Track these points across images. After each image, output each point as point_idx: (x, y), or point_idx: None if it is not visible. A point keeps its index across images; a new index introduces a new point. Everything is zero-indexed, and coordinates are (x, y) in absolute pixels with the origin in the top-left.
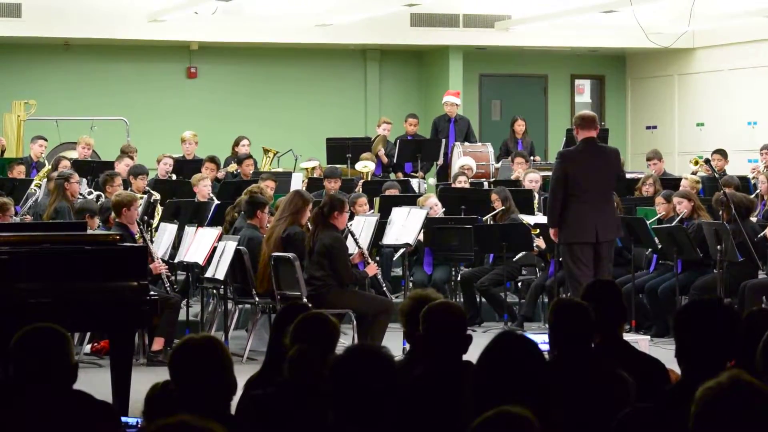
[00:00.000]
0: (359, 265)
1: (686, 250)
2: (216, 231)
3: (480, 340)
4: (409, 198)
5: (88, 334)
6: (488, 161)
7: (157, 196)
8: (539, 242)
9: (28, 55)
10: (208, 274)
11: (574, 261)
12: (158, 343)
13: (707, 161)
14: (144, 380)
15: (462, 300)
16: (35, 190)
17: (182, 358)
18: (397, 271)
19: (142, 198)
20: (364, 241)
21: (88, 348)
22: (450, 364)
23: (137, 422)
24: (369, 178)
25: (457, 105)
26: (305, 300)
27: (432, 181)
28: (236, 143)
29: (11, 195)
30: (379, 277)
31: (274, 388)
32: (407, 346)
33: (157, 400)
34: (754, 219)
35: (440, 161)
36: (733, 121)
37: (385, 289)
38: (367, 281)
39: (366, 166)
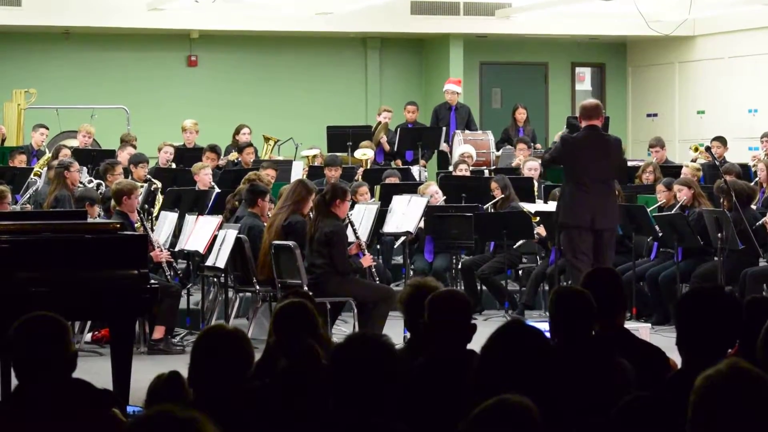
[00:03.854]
0: (359, 254)
1: (687, 238)
2: (216, 219)
3: (481, 329)
4: (410, 186)
5: (89, 322)
6: (489, 149)
7: (157, 184)
8: (540, 230)
9: (28, 44)
10: (209, 262)
11: (573, 250)
12: (159, 332)
13: (708, 149)
14: (145, 369)
15: (463, 288)
16: (35, 179)
17: (210, 344)
18: (398, 260)
19: (142, 186)
20: (365, 229)
21: (88, 336)
22: (454, 353)
23: (134, 411)
24: (368, 166)
25: (458, 93)
26: (306, 288)
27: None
28: (237, 132)
29: (11, 184)
30: (374, 270)
31: (272, 378)
32: (408, 335)
33: (160, 391)
34: (754, 207)
35: (444, 147)
36: (733, 108)
37: (377, 281)
38: (368, 269)
39: (365, 154)
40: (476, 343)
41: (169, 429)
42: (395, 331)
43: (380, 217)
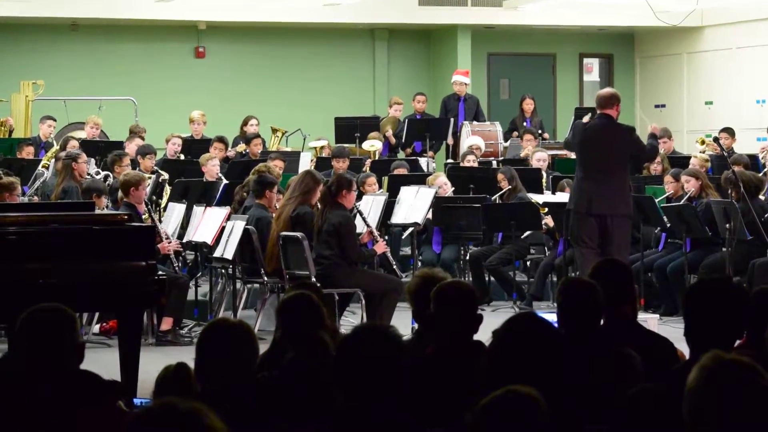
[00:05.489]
0: (368, 243)
1: (695, 229)
2: (224, 211)
3: (489, 320)
4: (418, 177)
5: (97, 314)
6: (497, 140)
7: (165, 175)
8: (548, 221)
9: (35, 36)
10: (217, 253)
11: (576, 235)
12: (167, 323)
13: (716, 140)
14: (152, 360)
15: (471, 279)
16: (43, 171)
17: (214, 338)
18: (406, 251)
19: (150, 178)
20: (373, 220)
21: (96, 328)
22: (460, 344)
23: (141, 403)
24: (376, 157)
25: (466, 84)
26: (314, 279)
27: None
28: (245, 123)
29: (20, 175)
30: (389, 255)
31: (280, 370)
32: (415, 326)
33: (168, 383)
34: (762, 197)
35: (450, 140)
36: (741, 99)
37: (395, 267)
38: (376, 260)
39: (373, 145)
40: (483, 334)
41: (171, 421)
42: (403, 322)
43: (388, 208)
